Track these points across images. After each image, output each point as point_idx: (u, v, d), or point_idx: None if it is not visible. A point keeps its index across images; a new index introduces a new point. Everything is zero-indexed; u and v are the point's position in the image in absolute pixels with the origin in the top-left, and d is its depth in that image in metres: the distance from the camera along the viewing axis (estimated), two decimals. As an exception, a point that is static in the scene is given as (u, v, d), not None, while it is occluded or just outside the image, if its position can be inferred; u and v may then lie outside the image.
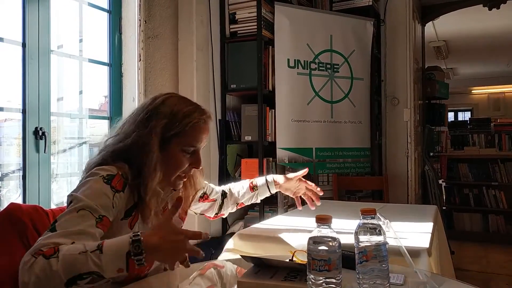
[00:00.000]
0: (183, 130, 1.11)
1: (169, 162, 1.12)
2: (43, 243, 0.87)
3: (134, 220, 1.09)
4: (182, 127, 1.11)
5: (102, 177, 1.01)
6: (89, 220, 0.95)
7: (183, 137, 1.12)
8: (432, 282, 0.99)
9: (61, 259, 0.83)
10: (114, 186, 1.02)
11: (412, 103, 3.60)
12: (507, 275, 3.66)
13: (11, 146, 2.00)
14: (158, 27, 2.52)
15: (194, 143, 1.14)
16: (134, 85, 2.38)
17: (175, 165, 1.13)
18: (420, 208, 2.40)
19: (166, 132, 1.10)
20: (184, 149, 1.13)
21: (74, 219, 0.94)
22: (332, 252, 0.83)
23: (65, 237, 0.90)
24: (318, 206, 1.61)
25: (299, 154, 2.99)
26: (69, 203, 0.98)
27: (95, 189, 0.99)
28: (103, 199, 0.99)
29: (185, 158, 1.14)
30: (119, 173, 1.04)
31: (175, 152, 1.12)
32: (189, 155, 1.14)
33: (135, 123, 1.12)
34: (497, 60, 7.24)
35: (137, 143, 1.08)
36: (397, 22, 3.63)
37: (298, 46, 2.99)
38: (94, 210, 0.96)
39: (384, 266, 0.87)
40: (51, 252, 0.85)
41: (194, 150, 1.15)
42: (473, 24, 5.23)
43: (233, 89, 2.88)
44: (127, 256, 0.85)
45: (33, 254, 0.85)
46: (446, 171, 4.98)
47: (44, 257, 0.84)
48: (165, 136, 1.10)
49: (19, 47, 1.88)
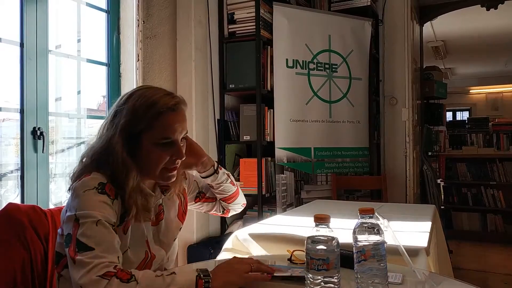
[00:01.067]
0: (150, 124, 1.04)
1: (146, 159, 1.06)
2: (98, 262, 0.88)
3: (127, 225, 1.07)
4: (147, 121, 1.04)
5: (95, 188, 0.99)
6: (110, 229, 0.96)
7: (151, 131, 1.05)
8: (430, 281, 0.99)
9: (140, 282, 0.88)
10: (109, 194, 1.01)
11: (410, 102, 3.60)
12: (505, 274, 3.67)
13: (9, 146, 2.00)
14: (156, 27, 2.52)
15: (166, 135, 1.06)
16: (133, 85, 2.38)
17: (153, 161, 1.07)
18: (419, 208, 2.41)
19: (132, 130, 1.05)
20: (157, 142, 1.06)
21: (99, 233, 0.94)
22: (331, 251, 0.83)
23: (110, 253, 0.92)
24: None
25: (298, 154, 2.99)
26: (73, 222, 0.95)
27: (95, 201, 0.98)
28: (107, 209, 0.99)
29: (162, 152, 1.07)
30: (108, 181, 1.03)
31: (148, 148, 1.06)
32: (167, 148, 1.07)
33: (106, 124, 1.09)
34: (495, 60, 7.25)
35: (106, 147, 1.05)
36: (395, 22, 3.63)
37: (297, 46, 2.99)
38: (107, 219, 0.97)
39: (383, 265, 0.87)
40: (128, 276, 0.88)
41: (171, 141, 1.07)
42: (471, 24, 5.24)
43: (231, 89, 2.88)
44: (197, 277, 0.92)
45: (101, 275, 0.86)
46: (444, 170, 4.99)
47: (122, 281, 0.87)
48: (133, 133, 1.05)
49: (17, 47, 1.88)
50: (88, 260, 0.88)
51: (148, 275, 0.91)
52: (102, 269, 0.87)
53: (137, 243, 1.09)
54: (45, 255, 1.17)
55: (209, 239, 2.67)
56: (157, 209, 1.18)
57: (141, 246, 1.10)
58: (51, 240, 1.18)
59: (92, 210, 0.96)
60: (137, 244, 1.09)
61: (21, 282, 1.10)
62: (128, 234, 1.07)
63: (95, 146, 1.08)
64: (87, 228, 0.93)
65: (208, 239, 2.68)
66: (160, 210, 1.19)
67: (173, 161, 1.09)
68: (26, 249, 1.12)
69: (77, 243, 0.92)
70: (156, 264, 1.15)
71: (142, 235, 1.11)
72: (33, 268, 1.13)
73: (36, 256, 1.14)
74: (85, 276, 0.86)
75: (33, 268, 1.13)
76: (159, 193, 1.18)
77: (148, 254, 1.11)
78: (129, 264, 1.06)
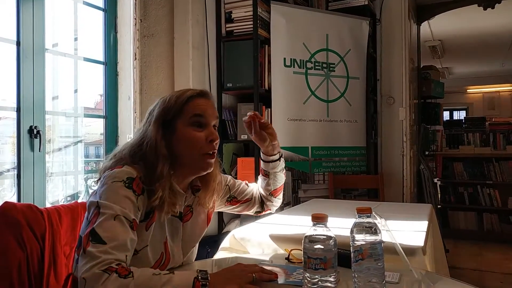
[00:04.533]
0: (182, 108, 1.12)
1: (182, 142, 1.12)
2: (105, 258, 0.90)
3: (150, 221, 1.08)
4: (179, 105, 1.12)
5: (123, 182, 1.02)
6: (126, 226, 0.97)
7: (185, 114, 1.13)
8: (427, 280, 1.00)
9: (136, 278, 0.89)
10: (135, 190, 1.03)
11: (407, 102, 3.61)
12: (501, 273, 3.68)
13: (6, 144, 1.99)
14: (153, 26, 2.52)
15: (196, 112, 1.13)
16: (130, 84, 2.37)
17: (190, 143, 1.12)
18: (415, 207, 2.41)
19: (166, 117, 1.12)
20: (189, 122, 1.13)
21: (115, 228, 0.96)
22: (328, 250, 0.83)
23: (119, 251, 0.94)
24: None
25: (295, 153, 2.99)
26: (95, 209, 0.99)
27: (120, 195, 1.01)
28: (129, 204, 1.00)
29: (196, 132, 1.13)
30: (138, 176, 1.05)
31: (184, 130, 1.12)
32: (200, 129, 1.13)
33: (144, 125, 1.16)
34: (492, 60, 7.28)
35: (140, 138, 1.12)
36: (392, 21, 3.64)
37: (294, 45, 2.99)
38: (127, 215, 0.98)
39: (380, 264, 0.87)
40: (126, 272, 0.90)
41: (203, 123, 1.14)
42: (468, 24, 5.25)
43: (229, 88, 2.88)
44: (194, 279, 0.92)
45: (103, 269, 0.88)
46: (441, 169, 5.00)
47: (119, 276, 0.88)
48: (166, 120, 1.12)
49: (13, 46, 1.87)
50: (97, 254, 0.90)
51: (146, 273, 0.92)
52: (106, 265, 0.89)
53: (156, 243, 1.10)
54: (42, 254, 1.16)
55: (206, 238, 2.66)
56: (185, 210, 1.19)
57: (159, 246, 1.11)
58: (47, 239, 1.17)
59: (114, 203, 0.98)
60: (156, 243, 1.10)
61: (17, 282, 1.10)
62: (150, 231, 1.08)
63: (130, 142, 1.15)
64: (105, 220, 0.96)
65: (205, 238, 2.67)
66: (187, 211, 1.20)
67: (209, 144, 1.14)
68: (22, 248, 1.11)
69: (91, 233, 0.94)
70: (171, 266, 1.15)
71: (162, 235, 1.12)
72: (29, 267, 1.13)
73: (33, 255, 1.13)
74: (90, 271, 0.88)
75: (29, 268, 1.13)
76: (190, 194, 1.21)
77: (163, 255, 1.11)
78: (146, 260, 1.07)
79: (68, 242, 1.25)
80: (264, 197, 1.47)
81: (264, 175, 1.43)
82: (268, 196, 1.46)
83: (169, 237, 1.14)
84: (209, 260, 1.43)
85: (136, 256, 1.03)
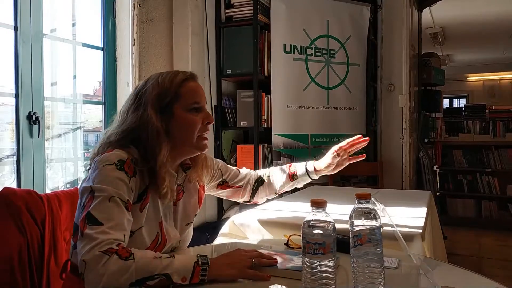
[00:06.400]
0: (178, 92, 1.13)
1: (181, 126, 1.12)
2: (104, 238, 0.91)
3: (144, 203, 1.09)
4: (174, 90, 1.12)
5: (115, 164, 1.02)
6: (122, 207, 0.98)
7: (182, 98, 1.13)
8: (426, 265, 1.00)
9: (137, 261, 0.90)
10: (127, 172, 1.03)
11: (407, 89, 3.60)
12: (499, 260, 3.71)
13: (5, 131, 1.99)
14: (152, 11, 2.49)
15: (196, 100, 1.14)
16: (129, 70, 2.36)
17: (189, 126, 1.13)
18: (414, 194, 2.42)
19: (162, 101, 1.11)
20: (189, 108, 1.13)
21: (110, 209, 0.96)
22: (327, 235, 0.83)
23: (117, 230, 0.94)
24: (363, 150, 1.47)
25: (295, 140, 2.99)
26: (88, 194, 0.98)
27: (113, 177, 1.01)
28: (122, 186, 1.01)
29: (195, 117, 1.14)
30: (129, 158, 1.05)
31: (182, 114, 1.12)
32: (198, 113, 1.15)
33: (130, 108, 1.13)
34: (493, 47, 7.23)
35: (136, 123, 1.10)
36: (394, 7, 3.60)
37: (294, 31, 2.97)
38: (121, 196, 0.99)
39: (379, 249, 0.87)
40: (127, 254, 0.90)
41: (199, 107, 1.15)
42: (469, 11, 5.21)
43: (228, 74, 2.86)
44: (195, 264, 0.93)
45: (103, 251, 0.89)
46: (440, 157, 5.01)
47: (120, 258, 0.89)
48: (163, 105, 1.11)
49: (11, 31, 1.85)
50: (95, 235, 0.91)
51: (147, 255, 0.92)
52: (106, 246, 0.90)
53: (151, 223, 1.10)
54: (42, 239, 1.17)
55: (206, 224, 2.68)
56: (177, 189, 1.19)
57: (154, 227, 1.11)
58: (47, 225, 1.18)
59: (108, 185, 0.99)
60: (151, 224, 1.10)
61: (18, 266, 1.11)
62: (144, 212, 1.08)
63: (120, 127, 1.12)
64: (99, 203, 0.96)
65: (205, 224, 2.69)
66: (179, 190, 1.21)
67: (205, 127, 1.16)
68: (22, 233, 1.12)
69: (87, 216, 0.94)
70: (168, 247, 1.15)
71: (157, 216, 1.12)
72: (29, 252, 1.13)
73: (33, 241, 1.14)
74: (89, 252, 0.89)
75: (29, 253, 1.13)
76: (181, 173, 1.21)
77: (159, 236, 1.11)
78: (142, 241, 1.07)
79: (68, 228, 1.26)
80: (263, 192, 1.48)
81: (291, 178, 1.46)
82: (270, 194, 1.49)
83: (163, 217, 1.14)
84: (209, 246, 1.43)
85: (132, 238, 1.04)
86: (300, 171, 1.45)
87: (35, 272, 1.15)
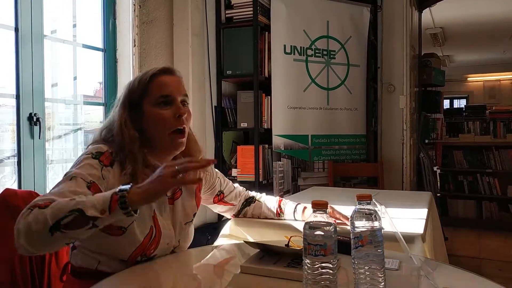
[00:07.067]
0: (145, 89, 1.14)
1: (151, 124, 1.13)
2: (39, 198, 0.93)
3: None
4: (143, 85, 1.14)
5: (91, 154, 1.07)
6: (81, 183, 1.00)
7: (149, 93, 1.14)
8: (427, 266, 1.00)
9: (51, 206, 0.89)
10: (102, 161, 1.06)
11: (408, 90, 3.60)
12: (500, 261, 3.71)
13: (6, 132, 1.99)
14: (152, 12, 2.49)
15: (162, 93, 1.13)
16: (129, 71, 2.36)
17: (158, 123, 1.12)
18: (415, 195, 2.42)
19: (132, 98, 1.14)
20: (156, 102, 1.13)
21: (67, 184, 0.99)
22: (328, 237, 0.83)
23: (60, 195, 0.95)
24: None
25: (295, 141, 2.99)
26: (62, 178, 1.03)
27: (85, 163, 1.05)
28: (91, 170, 1.04)
29: (163, 111, 1.13)
30: (108, 150, 1.09)
31: (150, 110, 1.13)
32: (167, 107, 1.13)
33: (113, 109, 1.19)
34: (494, 48, 7.23)
35: (110, 119, 1.16)
36: (394, 8, 3.60)
37: (295, 32, 2.97)
38: (84, 177, 1.01)
39: (379, 251, 0.87)
40: (47, 204, 0.90)
41: (169, 100, 1.13)
42: (470, 11, 5.21)
43: (228, 75, 2.86)
44: (112, 195, 0.89)
45: (29, 207, 0.91)
46: (441, 158, 5.01)
47: (39, 208, 0.89)
48: (133, 102, 1.14)
49: (11, 32, 1.85)
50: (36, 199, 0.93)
51: (64, 200, 0.91)
52: (33, 203, 0.92)
53: (144, 217, 1.09)
54: (43, 240, 1.16)
55: (206, 225, 2.68)
56: (174, 188, 1.19)
57: (148, 220, 1.11)
58: (48, 226, 1.18)
59: (77, 169, 1.02)
60: (143, 218, 1.09)
61: (19, 268, 1.11)
62: None
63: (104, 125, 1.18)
64: (61, 183, 1.00)
65: (206, 225, 2.69)
66: (176, 189, 1.20)
67: (177, 120, 1.13)
68: (23, 234, 1.12)
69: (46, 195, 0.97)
70: (164, 243, 1.14)
71: (150, 210, 1.12)
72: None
73: (34, 242, 1.14)
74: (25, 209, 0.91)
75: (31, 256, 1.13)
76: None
77: (153, 229, 1.11)
78: (134, 237, 1.07)
79: (69, 229, 1.25)
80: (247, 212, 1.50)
81: (277, 214, 1.48)
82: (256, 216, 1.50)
83: (157, 211, 1.14)
84: (208, 247, 1.43)
85: (125, 234, 1.05)
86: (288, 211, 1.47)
87: (36, 274, 1.15)
